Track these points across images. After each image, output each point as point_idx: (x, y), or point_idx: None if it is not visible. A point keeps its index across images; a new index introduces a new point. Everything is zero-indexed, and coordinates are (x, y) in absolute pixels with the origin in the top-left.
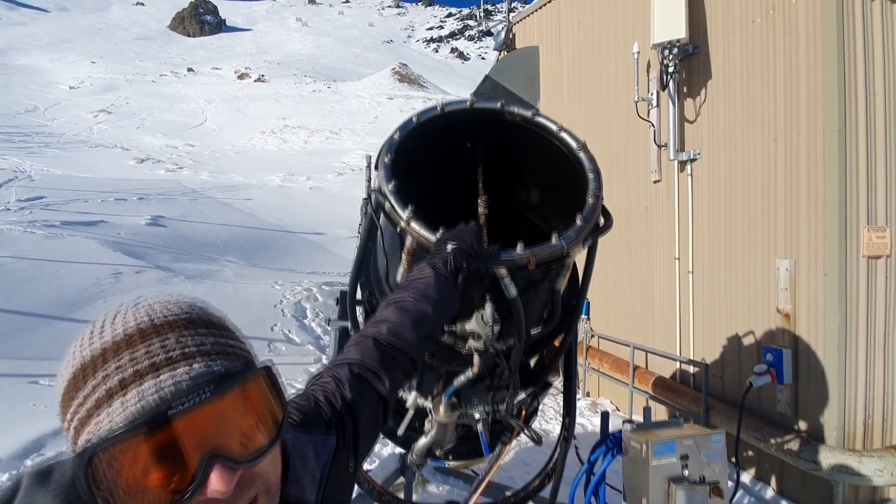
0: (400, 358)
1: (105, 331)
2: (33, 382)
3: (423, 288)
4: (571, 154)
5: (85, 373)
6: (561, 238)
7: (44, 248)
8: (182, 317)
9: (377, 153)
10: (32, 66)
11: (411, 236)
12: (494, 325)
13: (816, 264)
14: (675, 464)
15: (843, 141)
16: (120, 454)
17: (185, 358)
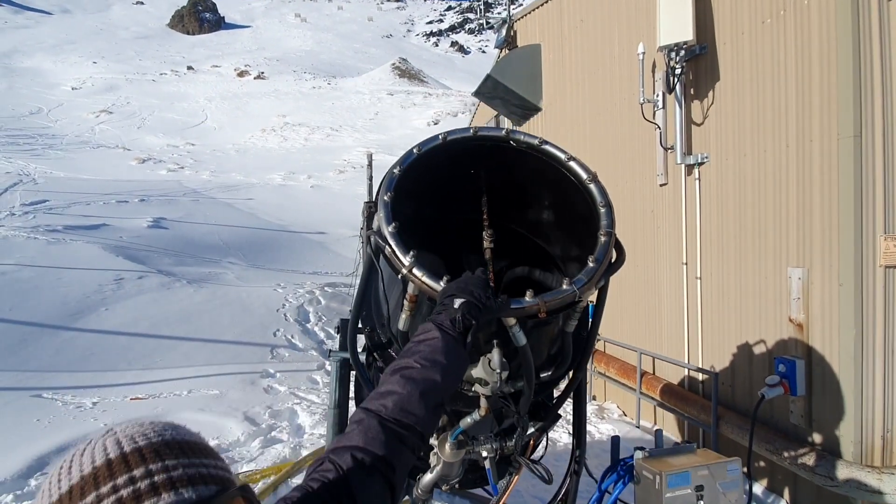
0: (407, 436)
1: (73, 470)
2: (37, 396)
3: (430, 353)
4: (581, 185)
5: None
6: (572, 283)
7: (47, 254)
8: (150, 445)
9: (376, 189)
10: (36, 69)
11: (414, 284)
12: (502, 371)
13: (831, 274)
14: (689, 495)
15: (858, 147)
16: None
17: (153, 492)
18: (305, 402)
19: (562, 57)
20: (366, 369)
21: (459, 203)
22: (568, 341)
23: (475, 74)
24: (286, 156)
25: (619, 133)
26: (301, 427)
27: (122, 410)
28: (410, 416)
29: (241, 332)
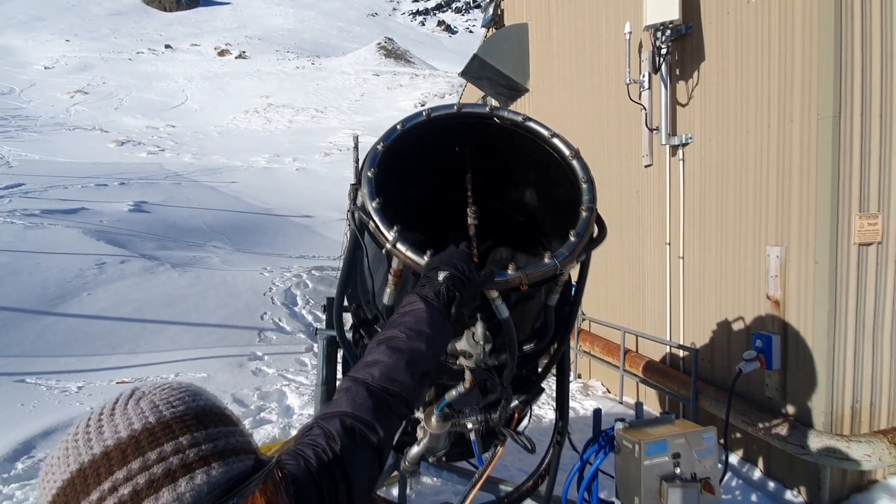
0: (394, 403)
1: (105, 430)
2: (20, 381)
3: (415, 323)
4: (564, 161)
5: (85, 480)
6: (554, 256)
7: (25, 238)
8: (189, 411)
9: (360, 165)
10: (5, 47)
11: (398, 258)
12: (486, 344)
13: (807, 252)
14: (666, 462)
15: (837, 127)
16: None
17: (202, 462)
18: (294, 383)
19: (549, 36)
20: (352, 346)
21: (444, 182)
22: (550, 315)
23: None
24: (270, 138)
25: (605, 114)
26: (290, 408)
27: (108, 394)
28: (397, 383)
29: (228, 316)
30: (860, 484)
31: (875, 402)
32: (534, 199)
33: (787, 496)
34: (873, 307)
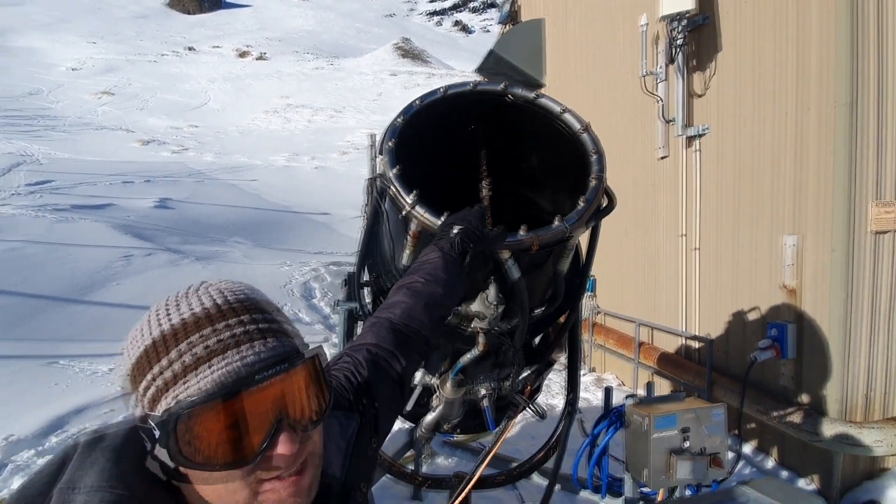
0: (414, 339)
1: (181, 307)
2: (53, 363)
3: (432, 270)
4: (574, 136)
5: (166, 343)
6: (563, 221)
7: (54, 231)
8: (250, 298)
9: (380, 137)
10: (30, 48)
11: (416, 220)
12: (498, 305)
13: (823, 240)
14: (675, 436)
15: (853, 115)
16: (203, 415)
17: (261, 334)
18: None
19: (565, 31)
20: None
21: (458, 158)
22: (560, 281)
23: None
24: (289, 137)
25: (620, 108)
26: None
27: None
28: (416, 321)
29: None
30: (872, 472)
31: (889, 390)
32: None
33: (800, 484)
34: (888, 295)
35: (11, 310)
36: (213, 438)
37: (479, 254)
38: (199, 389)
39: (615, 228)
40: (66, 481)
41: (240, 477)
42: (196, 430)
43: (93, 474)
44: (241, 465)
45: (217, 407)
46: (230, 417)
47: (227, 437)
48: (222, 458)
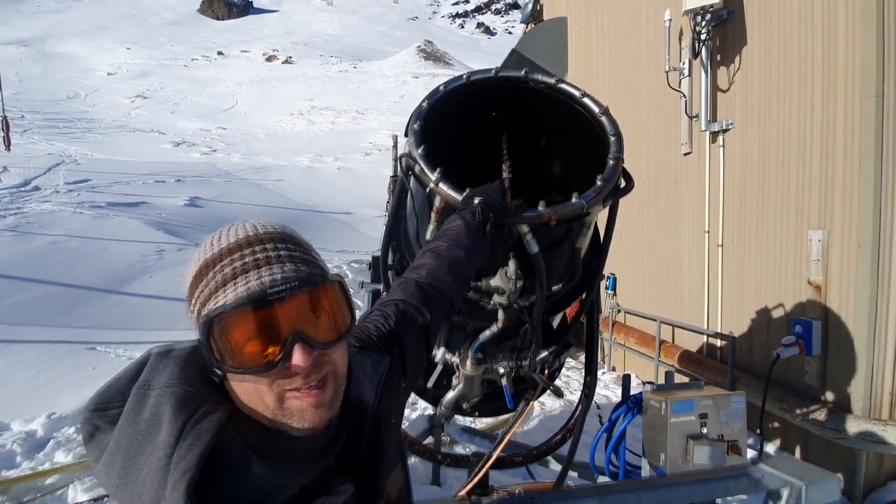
0: (439, 298)
1: (223, 239)
2: (91, 349)
3: (455, 235)
4: (594, 119)
5: (208, 267)
6: (581, 197)
7: (93, 227)
8: (277, 232)
9: (407, 121)
10: (70, 54)
11: (440, 196)
12: (518, 280)
13: (850, 235)
14: (693, 422)
15: (880, 107)
16: (230, 324)
17: (279, 260)
18: None
19: (588, 29)
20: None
21: (481, 146)
22: (578, 258)
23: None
24: (313, 139)
25: (644, 104)
26: None
27: None
28: (440, 281)
29: None
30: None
31: None
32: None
33: None
34: None
35: (55, 299)
36: (237, 346)
37: (499, 225)
38: (224, 303)
39: (637, 225)
40: (142, 381)
41: (265, 383)
42: (223, 337)
43: (164, 375)
44: (261, 372)
45: (238, 318)
46: (250, 328)
47: (249, 345)
48: (245, 364)
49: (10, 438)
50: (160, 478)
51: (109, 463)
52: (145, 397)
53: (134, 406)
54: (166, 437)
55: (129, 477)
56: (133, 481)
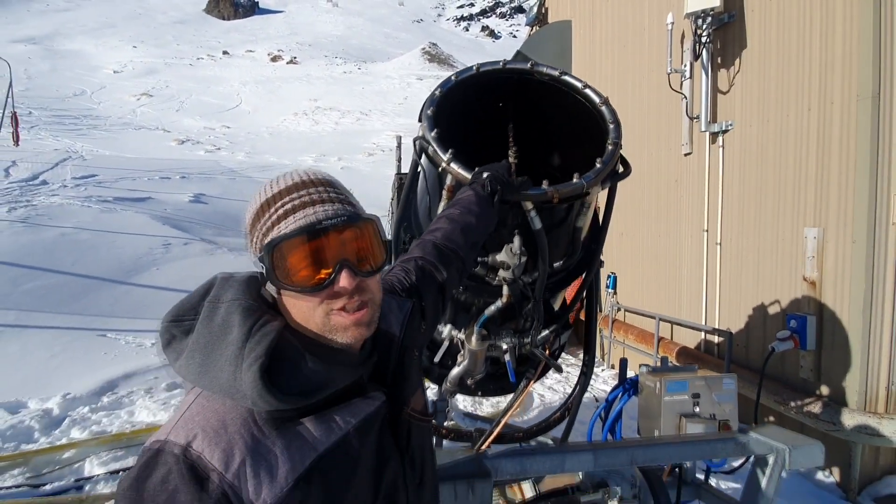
0: (453, 257)
1: (280, 182)
2: (102, 335)
3: (467, 203)
4: (595, 109)
5: (269, 204)
6: (582, 177)
7: (101, 220)
8: (325, 178)
9: (421, 107)
10: (78, 51)
11: (451, 175)
12: (522, 256)
13: (845, 232)
14: (686, 401)
15: (876, 107)
16: (289, 249)
17: (329, 200)
18: None
19: (592, 31)
20: None
21: (489, 135)
22: (578, 237)
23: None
24: (317, 139)
25: (646, 106)
26: None
27: None
28: (454, 242)
29: None
30: (894, 467)
31: None
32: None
33: (819, 476)
34: None
35: (66, 287)
36: (294, 268)
37: (503, 201)
38: (286, 232)
39: (639, 225)
40: (212, 297)
41: (315, 301)
42: (283, 261)
43: (231, 292)
44: (313, 292)
45: (296, 245)
46: (305, 254)
47: (304, 268)
48: (301, 283)
49: (27, 416)
50: (235, 365)
51: (190, 358)
52: (216, 309)
53: (207, 315)
54: (237, 336)
55: (207, 366)
56: (211, 369)
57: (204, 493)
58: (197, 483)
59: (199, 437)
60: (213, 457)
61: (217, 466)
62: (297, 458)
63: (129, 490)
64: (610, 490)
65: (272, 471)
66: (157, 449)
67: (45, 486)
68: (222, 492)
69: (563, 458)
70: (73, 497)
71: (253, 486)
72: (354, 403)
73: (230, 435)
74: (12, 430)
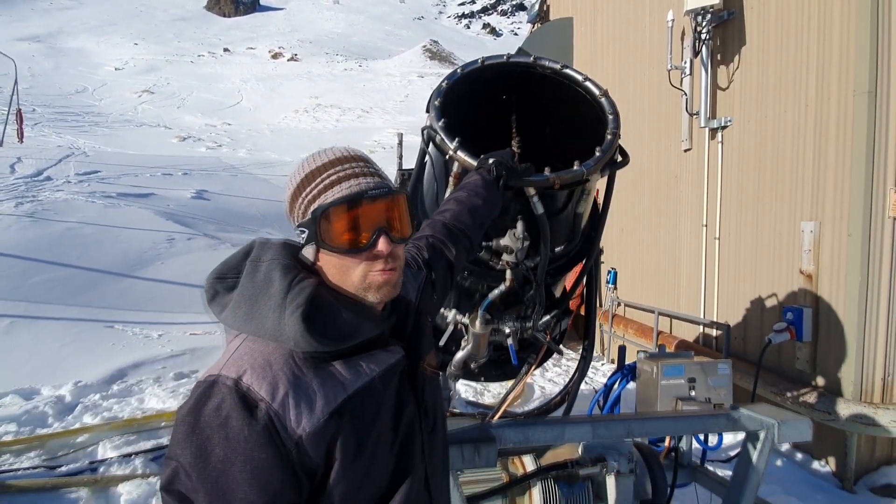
0: (461, 236)
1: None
2: (109, 327)
3: (474, 187)
4: (595, 101)
5: (314, 175)
6: (582, 165)
7: (105, 215)
8: (363, 155)
9: (428, 98)
10: (80, 49)
11: (458, 162)
12: (525, 240)
13: (841, 226)
14: (682, 385)
15: (872, 103)
16: (335, 216)
17: (370, 174)
18: None
19: (594, 29)
20: None
21: (493, 127)
22: (579, 222)
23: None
24: (318, 136)
25: (647, 103)
26: None
27: (183, 342)
28: (462, 223)
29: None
30: (891, 458)
31: None
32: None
33: (815, 466)
34: None
35: (73, 280)
36: (338, 232)
37: (509, 182)
38: (333, 199)
39: (639, 221)
40: (253, 257)
41: (356, 262)
42: (329, 226)
43: (270, 252)
44: (356, 253)
45: (341, 211)
46: (349, 220)
47: (347, 232)
48: (344, 246)
49: (41, 402)
50: (278, 313)
51: (236, 308)
52: (258, 267)
53: (250, 272)
54: (279, 288)
55: (253, 315)
56: (256, 317)
57: (253, 420)
58: (247, 410)
59: (248, 372)
60: (261, 389)
61: (265, 397)
62: (331, 394)
63: (188, 416)
64: (608, 464)
65: (310, 404)
66: (212, 381)
67: (61, 467)
68: (269, 418)
69: (564, 428)
70: (88, 478)
71: (294, 416)
72: (377, 354)
73: (275, 371)
74: (27, 415)
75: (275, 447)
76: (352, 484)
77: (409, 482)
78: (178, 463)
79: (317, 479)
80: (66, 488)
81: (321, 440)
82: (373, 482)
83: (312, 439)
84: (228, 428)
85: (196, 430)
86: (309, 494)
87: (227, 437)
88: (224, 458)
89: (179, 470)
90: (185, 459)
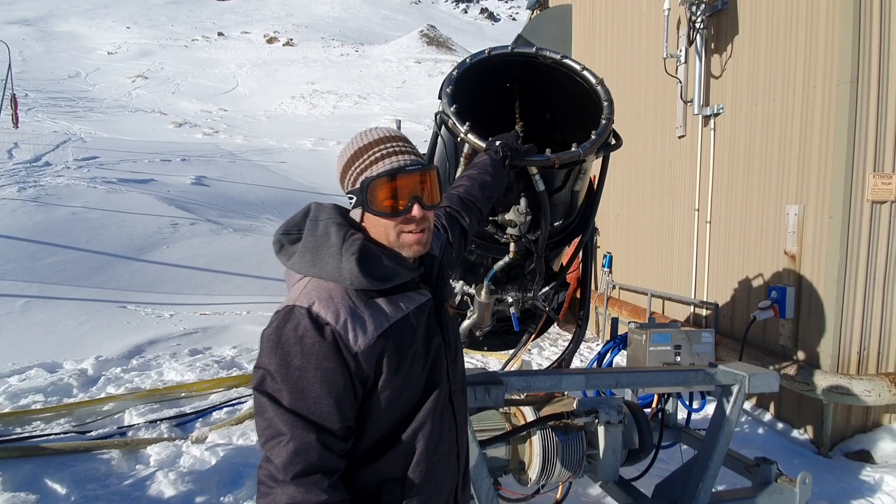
0: (473, 207)
1: (370, 134)
2: (122, 307)
3: (483, 165)
4: (591, 89)
5: (363, 150)
6: (579, 147)
7: (108, 200)
8: (402, 135)
9: (440, 86)
10: (72, 33)
11: (468, 144)
12: (527, 215)
13: (823, 208)
14: (668, 351)
15: (854, 92)
16: (380, 185)
17: (408, 152)
18: None
19: (592, 16)
20: None
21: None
22: (576, 199)
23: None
24: (315, 122)
25: (643, 90)
26: None
27: (195, 321)
28: (473, 196)
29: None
30: (865, 426)
31: (883, 349)
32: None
33: (794, 434)
34: (885, 261)
35: (83, 262)
36: (381, 199)
37: (514, 162)
38: (379, 171)
39: (634, 206)
40: (312, 216)
41: (393, 224)
42: (374, 194)
43: (325, 213)
44: (394, 216)
45: (384, 182)
46: (391, 189)
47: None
48: (385, 210)
49: (65, 374)
50: (337, 259)
51: (301, 256)
52: (317, 224)
53: (311, 228)
54: (336, 240)
55: (316, 260)
56: (319, 262)
57: (322, 337)
58: (318, 330)
59: (317, 302)
60: (328, 314)
61: (330, 321)
62: (378, 322)
63: (272, 335)
64: (600, 416)
65: (364, 327)
66: (290, 308)
67: (91, 432)
68: (334, 337)
69: (561, 378)
70: (118, 441)
71: (352, 336)
72: (411, 295)
73: (336, 302)
74: (52, 386)
75: (339, 358)
76: (393, 392)
77: (437, 394)
78: (266, 370)
79: (367, 386)
80: (97, 450)
81: (372, 355)
82: (409, 392)
83: (365, 354)
84: (304, 343)
85: (279, 344)
86: (362, 397)
87: (303, 350)
88: (301, 366)
89: (266, 375)
90: (271, 367)
